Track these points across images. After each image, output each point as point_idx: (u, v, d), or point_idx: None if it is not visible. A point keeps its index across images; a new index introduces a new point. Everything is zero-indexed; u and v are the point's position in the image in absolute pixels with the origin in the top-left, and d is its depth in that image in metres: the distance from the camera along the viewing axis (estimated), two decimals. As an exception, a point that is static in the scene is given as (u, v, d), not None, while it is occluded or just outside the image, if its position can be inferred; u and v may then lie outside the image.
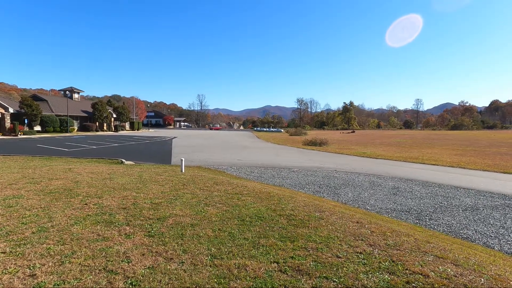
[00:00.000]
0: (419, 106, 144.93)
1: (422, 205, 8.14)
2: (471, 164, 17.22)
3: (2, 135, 35.87)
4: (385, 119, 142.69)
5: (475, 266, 3.51)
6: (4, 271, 3.01)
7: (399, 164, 17.03)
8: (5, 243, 3.69)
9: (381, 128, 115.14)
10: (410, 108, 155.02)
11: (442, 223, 6.69)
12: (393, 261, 3.49)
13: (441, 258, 3.68)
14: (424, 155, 22.24)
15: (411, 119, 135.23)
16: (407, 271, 3.26)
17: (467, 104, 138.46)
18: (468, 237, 5.87)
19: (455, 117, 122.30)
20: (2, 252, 3.44)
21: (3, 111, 37.78)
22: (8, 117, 38.16)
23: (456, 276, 3.18)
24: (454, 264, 3.51)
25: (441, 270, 3.32)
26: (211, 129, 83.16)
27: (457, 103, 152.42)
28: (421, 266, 3.39)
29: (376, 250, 3.84)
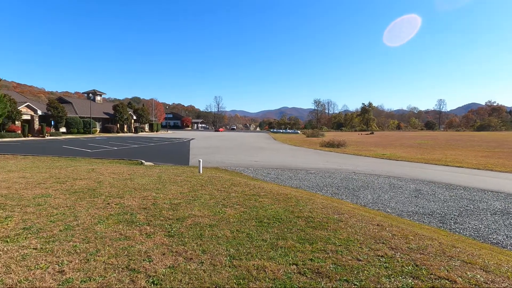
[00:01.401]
0: (441, 107, 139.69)
1: (446, 208, 7.85)
2: (499, 166, 16.45)
3: (32, 136, 37.61)
4: (406, 120, 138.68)
5: (509, 273, 3.32)
6: (36, 266, 3.16)
7: (421, 166, 16.53)
8: (36, 240, 3.87)
9: (401, 130, 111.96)
10: (432, 109, 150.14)
11: (468, 227, 6.42)
12: (416, 265, 3.39)
13: (469, 263, 3.53)
14: (448, 156, 21.48)
15: (433, 120, 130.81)
16: (432, 276, 3.15)
17: (495, 104, 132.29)
18: (499, 243, 5.59)
19: (481, 118, 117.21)
20: (34, 248, 3.61)
21: (32, 113, 39.64)
22: (37, 119, 40.03)
23: (487, 283, 3.03)
24: (484, 270, 3.35)
25: (470, 276, 3.18)
26: (216, 130, 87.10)
27: (483, 103, 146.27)
28: (447, 271, 3.27)
29: (398, 253, 3.74)
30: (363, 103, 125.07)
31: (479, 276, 3.18)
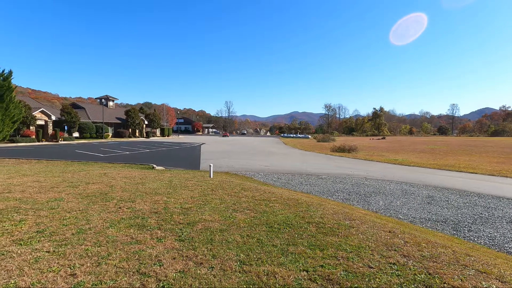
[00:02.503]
0: (454, 112, 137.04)
1: (459, 215, 7.66)
2: (515, 172, 15.99)
3: (46, 141, 38.57)
4: (418, 125, 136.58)
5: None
6: (49, 269, 3.22)
7: (433, 172, 16.20)
8: (49, 243, 3.95)
9: (413, 134, 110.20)
10: (445, 114, 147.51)
11: (483, 235, 6.24)
12: (429, 274, 3.31)
13: (484, 273, 3.43)
14: (461, 162, 21.00)
15: (446, 125, 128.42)
16: (445, 285, 3.07)
17: (510, 109, 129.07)
18: (515, 252, 5.42)
19: (496, 123, 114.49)
20: (46, 251, 3.68)
21: (46, 118, 40.69)
22: (51, 124, 41.06)
23: (501, 293, 2.94)
24: (499, 281, 3.25)
25: (485, 286, 3.09)
26: (224, 135, 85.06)
27: (497, 108, 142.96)
28: (461, 280, 3.18)
29: (411, 261, 3.66)
30: (374, 108, 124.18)
31: (494, 287, 3.09)
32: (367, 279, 3.15)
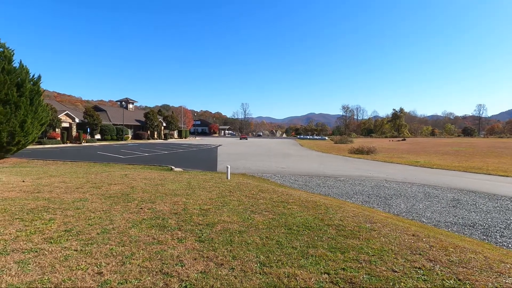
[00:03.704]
0: (481, 112, 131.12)
1: (489, 220, 7.33)
2: (548, 175, 15.15)
3: (70, 142, 40.11)
4: (440, 126, 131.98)
5: None
6: (77, 267, 3.33)
7: (459, 175, 15.60)
8: (76, 242, 4.08)
9: (436, 136, 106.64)
10: (471, 114, 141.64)
11: (516, 241, 5.93)
12: (459, 280, 3.17)
13: (521, 281, 3.24)
14: (489, 165, 20.10)
15: (471, 126, 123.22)
16: (476, 292, 2.93)
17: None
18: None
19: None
20: (74, 250, 3.80)
21: (71, 121, 42.32)
22: (75, 127, 42.67)
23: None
24: (536, 289, 3.07)
25: (519, 294, 2.93)
26: (241, 138, 76.62)
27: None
28: (495, 288, 3.03)
29: (438, 266, 3.52)
30: (394, 109, 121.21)
31: (532, 295, 2.92)
32: (391, 283, 3.06)
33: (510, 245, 5.71)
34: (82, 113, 46.77)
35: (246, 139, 74.68)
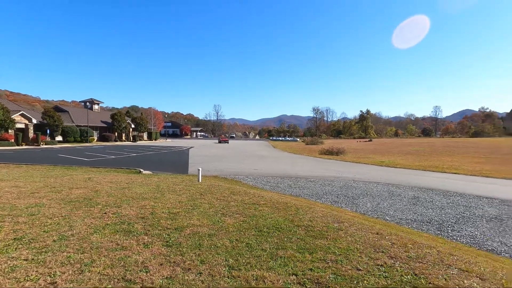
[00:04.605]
0: (437, 113, 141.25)
1: (443, 215, 7.84)
2: (494, 172, 16.57)
3: (26, 145, 37.41)
4: (403, 127, 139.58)
5: (503, 281, 3.33)
6: (26, 278, 3.09)
7: (419, 173, 16.55)
8: (27, 251, 3.79)
9: (399, 136, 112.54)
10: (428, 116, 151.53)
11: (465, 234, 6.41)
12: (415, 274, 3.35)
13: (466, 271, 3.51)
14: (444, 163, 21.55)
15: (429, 127, 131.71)
16: (430, 285, 3.12)
17: (488, 110, 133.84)
18: (494, 249, 5.60)
19: (476, 124, 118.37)
20: (24, 260, 3.53)
21: (27, 122, 39.51)
22: (32, 128, 39.87)
23: (485, 292, 3.01)
24: (480, 278, 3.34)
25: (467, 284, 3.16)
26: (221, 141, 59.31)
27: (477, 109, 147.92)
28: (445, 280, 3.24)
29: (398, 262, 3.70)
30: (361, 111, 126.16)
31: (475, 284, 3.18)
32: (355, 282, 3.16)
33: (458, 238, 6.16)
34: (41, 114, 43.84)
35: (227, 142, 59.49)
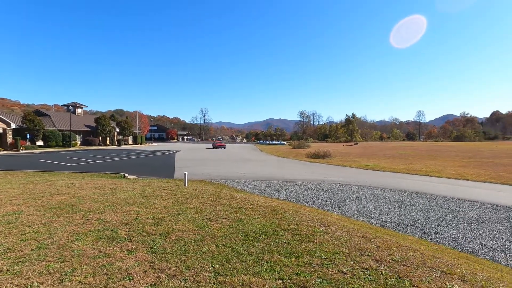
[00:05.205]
0: (421, 118, 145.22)
1: (427, 218, 8.01)
2: (475, 175, 17.07)
3: (4, 150, 36.05)
4: (388, 131, 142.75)
5: (483, 282, 3.43)
6: (1, 290, 2.96)
7: (403, 177, 16.89)
8: (2, 261, 3.63)
9: (384, 140, 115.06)
10: (412, 120, 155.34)
11: (447, 236, 6.56)
12: (399, 277, 3.40)
13: (448, 273, 3.59)
14: (428, 167, 22.09)
15: (413, 131, 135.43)
16: (414, 287, 3.17)
17: (468, 115, 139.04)
18: (474, 251, 5.74)
19: (457, 129, 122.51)
20: None
21: (5, 126, 38.08)
22: (10, 132, 38.42)
23: (466, 293, 3.08)
24: (461, 280, 3.42)
25: (449, 286, 3.23)
26: (216, 147, 51.16)
27: (458, 114, 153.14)
28: (428, 282, 3.30)
29: (383, 265, 3.75)
30: (347, 115, 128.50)
31: (457, 287, 3.25)
32: (341, 285, 3.18)
33: (441, 241, 6.30)
34: (20, 118, 42.40)
35: (224, 147, 52.13)
